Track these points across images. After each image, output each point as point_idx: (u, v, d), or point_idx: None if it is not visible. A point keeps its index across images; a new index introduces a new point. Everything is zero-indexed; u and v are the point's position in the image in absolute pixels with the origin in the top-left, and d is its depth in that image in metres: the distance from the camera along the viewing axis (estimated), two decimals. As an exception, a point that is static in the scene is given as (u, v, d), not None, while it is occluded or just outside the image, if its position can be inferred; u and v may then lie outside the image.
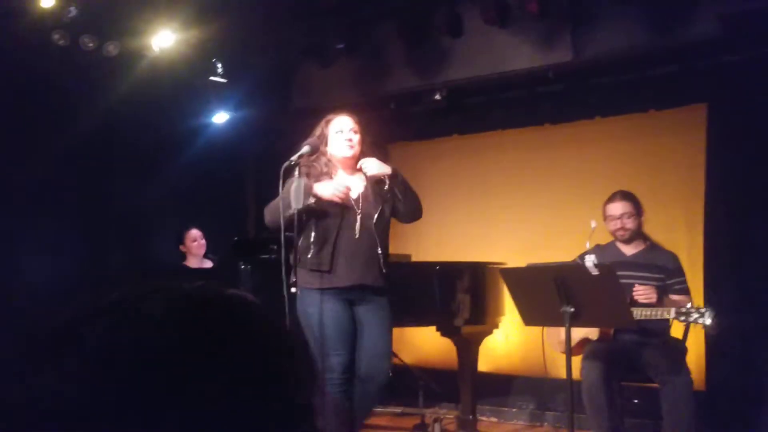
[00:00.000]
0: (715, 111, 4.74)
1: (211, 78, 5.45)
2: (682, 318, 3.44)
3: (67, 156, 5.19)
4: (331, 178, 3.46)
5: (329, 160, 3.49)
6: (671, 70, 4.85)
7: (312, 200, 3.29)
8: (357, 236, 3.39)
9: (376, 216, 3.41)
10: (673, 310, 3.49)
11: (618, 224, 3.91)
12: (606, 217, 3.98)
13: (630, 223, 3.90)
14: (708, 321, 3.38)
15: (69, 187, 5.32)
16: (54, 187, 5.20)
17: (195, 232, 5.45)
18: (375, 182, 3.47)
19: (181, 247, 5.44)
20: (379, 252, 3.40)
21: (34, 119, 5.00)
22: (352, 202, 3.42)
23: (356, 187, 3.48)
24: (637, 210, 3.93)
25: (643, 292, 3.68)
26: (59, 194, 5.24)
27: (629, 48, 4.58)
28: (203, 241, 5.45)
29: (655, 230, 4.33)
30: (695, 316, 3.41)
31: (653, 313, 3.57)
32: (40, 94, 5.01)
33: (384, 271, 3.42)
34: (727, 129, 4.68)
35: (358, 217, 3.41)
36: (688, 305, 3.54)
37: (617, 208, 3.92)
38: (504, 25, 4.80)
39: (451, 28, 4.98)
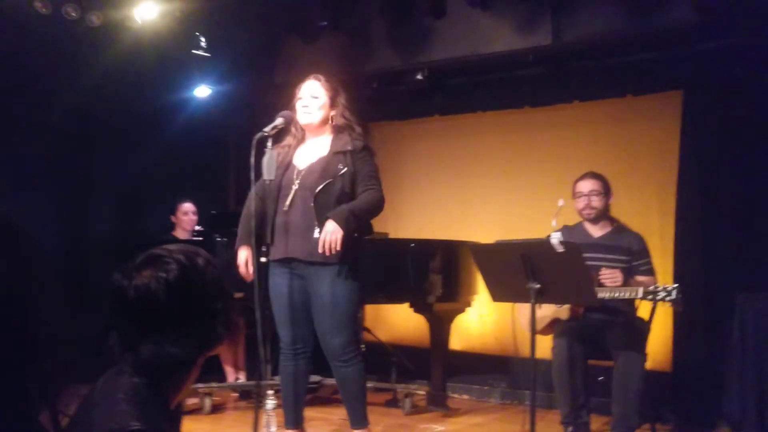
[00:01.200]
0: (690, 98, 4.81)
1: (194, 51, 5.45)
2: (650, 297, 3.50)
3: (48, 128, 5.19)
4: (298, 145, 3.50)
5: (299, 128, 3.51)
6: (649, 56, 4.91)
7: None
8: (286, 209, 3.37)
9: (318, 189, 3.33)
10: (641, 290, 3.56)
11: (585, 201, 3.97)
12: (575, 194, 4.04)
13: (597, 202, 3.96)
14: (673, 296, 3.45)
15: (49, 159, 5.32)
16: (34, 159, 5.21)
17: (188, 206, 5.48)
18: (335, 153, 3.41)
19: (172, 218, 5.48)
20: (316, 229, 3.30)
21: (14, 89, 4.99)
22: (294, 174, 3.41)
23: (310, 156, 3.46)
24: (606, 190, 3.99)
25: (609, 275, 3.75)
26: (39, 166, 5.25)
27: (608, 33, 4.61)
28: (195, 217, 5.48)
29: (628, 214, 4.41)
30: (662, 294, 3.48)
31: (622, 293, 3.64)
32: (20, 64, 5.00)
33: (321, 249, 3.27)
34: (702, 116, 4.74)
35: (293, 189, 3.39)
36: (655, 285, 3.61)
37: (586, 185, 3.98)
38: (486, 7, 4.82)
39: (433, 9, 5.00)
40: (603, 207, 3.99)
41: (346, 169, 3.37)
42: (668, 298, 3.48)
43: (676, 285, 3.53)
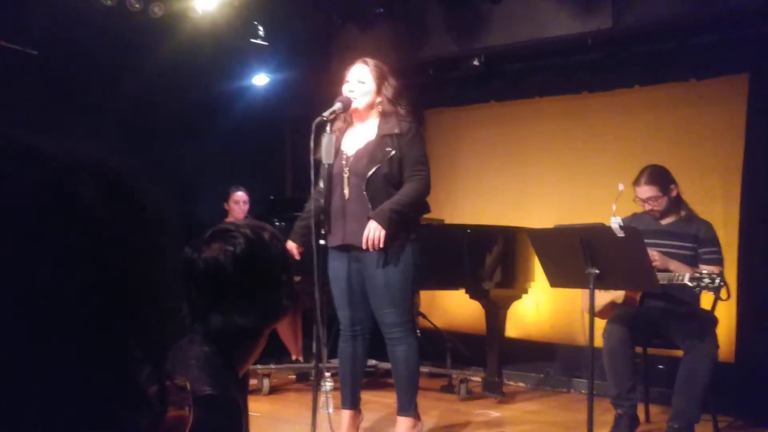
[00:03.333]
0: (756, 82, 4.66)
1: (252, 40, 5.54)
2: (694, 283, 3.41)
3: (111, 117, 5.34)
4: (346, 130, 3.54)
5: (349, 112, 3.53)
6: (713, 39, 4.77)
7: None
8: (347, 197, 3.41)
9: (368, 175, 3.35)
10: (687, 275, 3.46)
11: (647, 206, 3.90)
12: (635, 198, 3.94)
13: (657, 205, 3.86)
14: (716, 284, 3.34)
15: (111, 147, 5.47)
16: (98, 148, 5.35)
17: (240, 195, 5.58)
18: (383, 136, 3.40)
19: (225, 205, 5.59)
20: (370, 214, 3.32)
21: (79, 80, 5.15)
22: (344, 160, 3.44)
23: (357, 141, 3.48)
24: (665, 189, 3.84)
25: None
26: (101, 153, 5.39)
27: (670, 16, 4.52)
28: (246, 206, 5.58)
29: (691, 201, 4.29)
30: (707, 281, 3.38)
31: (668, 277, 3.54)
32: (84, 55, 5.15)
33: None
34: (769, 100, 4.61)
35: (345, 177, 3.42)
36: (704, 271, 3.50)
37: (643, 192, 3.85)
38: (543, -10, 4.77)
39: (490, -6, 4.97)
40: (666, 205, 3.87)
41: (394, 152, 3.36)
42: (711, 286, 3.38)
43: (720, 272, 3.43)
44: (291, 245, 3.49)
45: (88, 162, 0.58)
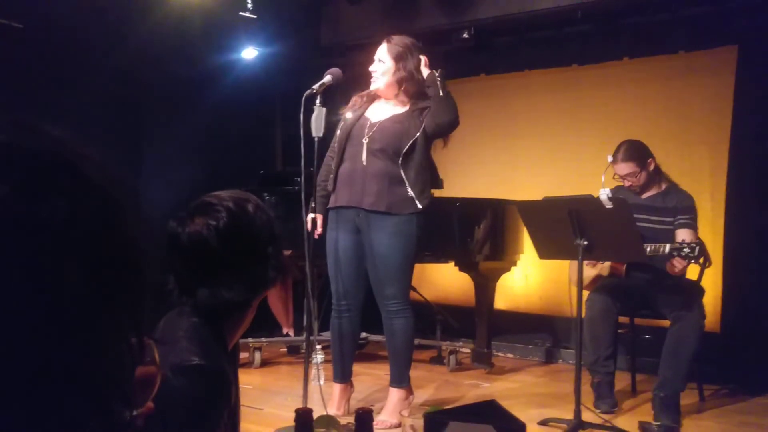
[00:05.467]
0: (745, 53, 4.67)
1: (241, 13, 5.49)
2: (675, 253, 3.44)
3: (99, 93, 5.30)
4: (373, 101, 3.58)
5: (370, 93, 3.56)
6: (702, 10, 4.77)
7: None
8: (365, 162, 3.44)
9: (404, 150, 3.38)
10: (668, 246, 3.49)
11: (626, 182, 3.91)
12: (615, 174, 3.95)
13: (637, 181, 3.87)
14: (696, 253, 3.38)
15: (99, 122, 5.44)
16: (85, 124, 5.32)
17: None
18: (413, 111, 3.44)
19: None
20: (408, 190, 3.37)
21: (65, 54, 5.10)
22: (367, 128, 3.47)
23: (384, 112, 3.51)
24: (642, 164, 3.84)
25: None
26: (90, 132, 5.36)
27: (660, -13, 4.51)
28: None
29: (679, 173, 4.32)
30: (686, 251, 3.41)
31: (650, 248, 3.57)
32: (71, 29, 5.10)
33: (389, 200, 3.38)
34: (757, 72, 4.61)
35: (365, 143, 3.44)
36: (681, 240, 3.53)
37: (621, 169, 3.85)
38: (533, -38, 4.75)
39: (480, -35, 4.95)
40: (646, 179, 3.89)
41: (423, 124, 3.42)
42: (691, 255, 3.41)
43: (698, 243, 3.46)
44: (317, 217, 3.51)
45: (46, 156, 0.59)
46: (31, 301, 0.53)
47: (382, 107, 3.54)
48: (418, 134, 3.41)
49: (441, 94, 3.40)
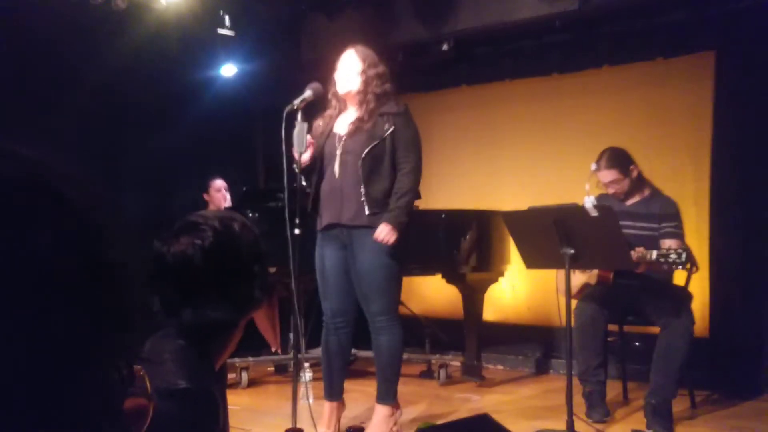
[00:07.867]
0: (723, 59, 4.71)
1: (219, 30, 5.47)
2: (662, 260, 3.42)
3: (76, 110, 5.24)
4: (339, 114, 3.52)
5: (340, 99, 3.52)
6: (680, 17, 4.81)
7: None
8: (337, 175, 3.39)
9: (364, 153, 3.33)
10: (655, 252, 3.48)
11: (610, 190, 3.91)
12: (598, 182, 3.95)
13: (620, 188, 3.87)
14: (683, 259, 3.36)
15: (77, 141, 5.38)
16: (63, 142, 5.26)
17: (219, 182, 5.52)
18: (380, 115, 3.39)
19: (205, 196, 5.52)
20: (362, 191, 3.32)
21: (43, 74, 5.04)
22: (336, 141, 3.44)
23: (351, 123, 3.46)
24: (625, 171, 3.84)
25: None
26: (68, 145, 5.30)
27: (636, -5, 4.54)
28: (227, 194, 5.51)
29: (661, 179, 4.32)
30: (673, 257, 3.39)
31: (638, 256, 3.55)
32: (48, 48, 5.05)
33: (368, 211, 3.32)
34: (735, 77, 4.65)
35: (338, 154, 3.41)
36: (668, 247, 3.52)
37: (604, 176, 3.86)
38: (511, -27, 4.77)
39: (457, -23, 4.96)
40: (629, 186, 3.89)
41: (392, 128, 3.36)
42: (678, 261, 3.40)
43: (685, 249, 3.45)
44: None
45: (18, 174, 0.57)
46: (16, 335, 0.52)
47: (348, 118, 3.50)
48: (386, 135, 3.36)
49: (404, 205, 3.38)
